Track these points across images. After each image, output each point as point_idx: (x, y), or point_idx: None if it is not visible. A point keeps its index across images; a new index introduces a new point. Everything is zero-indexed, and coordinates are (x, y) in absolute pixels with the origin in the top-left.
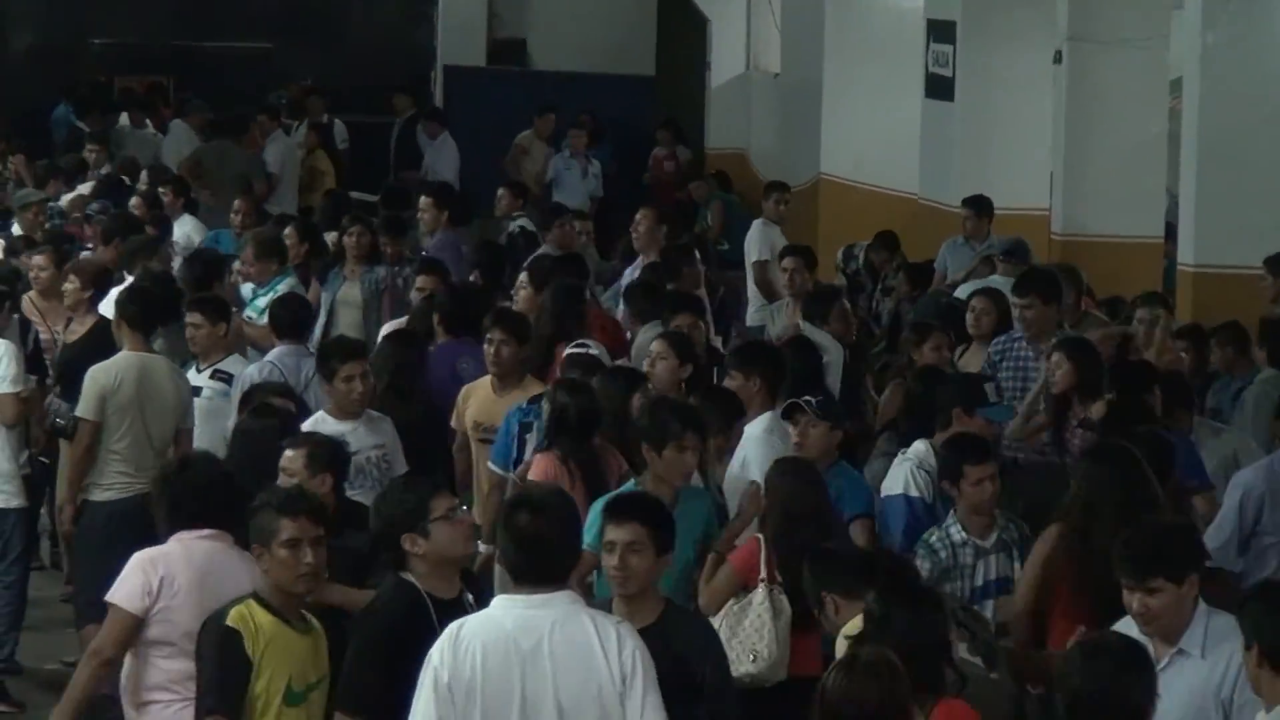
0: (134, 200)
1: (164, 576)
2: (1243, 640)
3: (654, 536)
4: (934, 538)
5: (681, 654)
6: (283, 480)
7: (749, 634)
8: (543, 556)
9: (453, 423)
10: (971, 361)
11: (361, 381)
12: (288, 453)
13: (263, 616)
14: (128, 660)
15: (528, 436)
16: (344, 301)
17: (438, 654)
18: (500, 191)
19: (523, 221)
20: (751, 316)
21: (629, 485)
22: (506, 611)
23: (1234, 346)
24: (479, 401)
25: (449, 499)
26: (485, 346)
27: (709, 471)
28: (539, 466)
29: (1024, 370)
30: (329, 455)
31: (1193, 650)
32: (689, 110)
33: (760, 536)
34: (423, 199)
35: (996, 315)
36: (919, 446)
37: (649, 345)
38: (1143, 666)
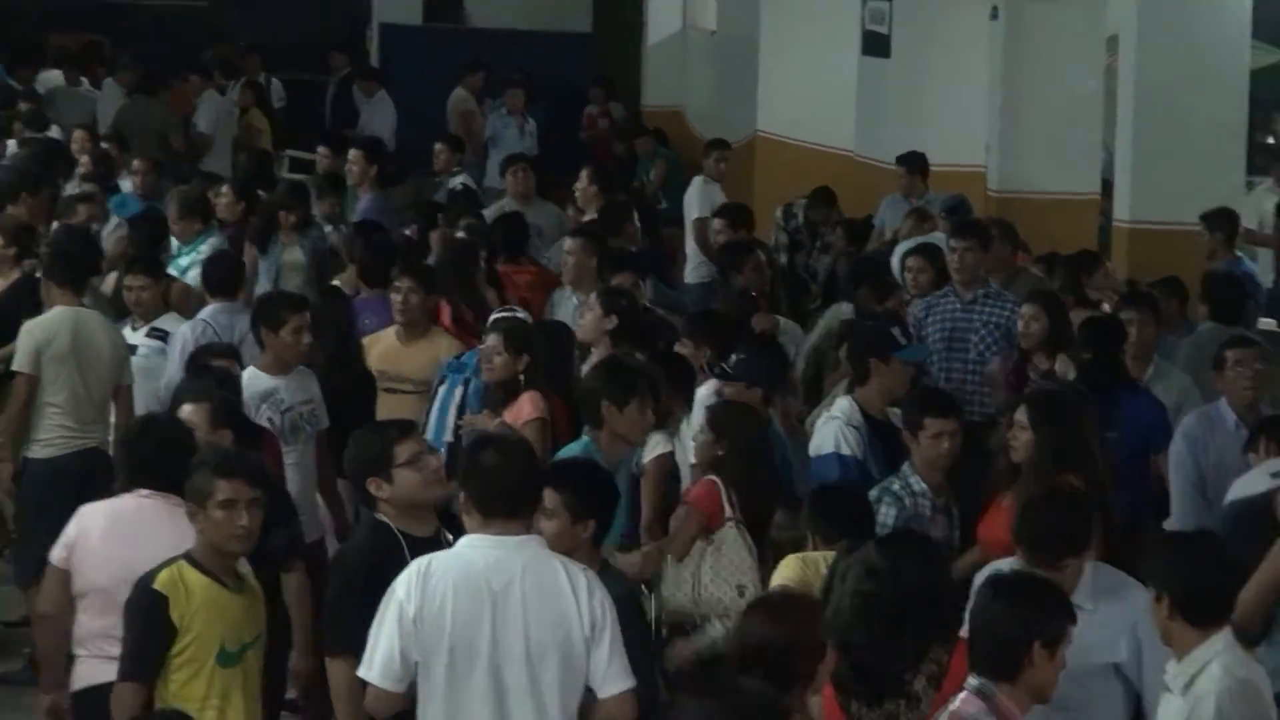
0: (84, 160)
1: (81, 530)
2: (1152, 592)
3: (568, 504)
4: (896, 485)
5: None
6: None
7: (730, 570)
8: (511, 489)
9: None
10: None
11: (306, 334)
12: (186, 407)
13: (194, 577)
14: None
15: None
16: (289, 266)
17: (404, 588)
18: (438, 147)
19: (463, 178)
20: (690, 274)
21: (583, 442)
22: (477, 550)
23: (1176, 298)
24: (383, 350)
25: (414, 444)
26: (393, 295)
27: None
28: (530, 403)
29: (951, 323)
30: (229, 410)
31: (1085, 604)
32: (626, 68)
33: (716, 479)
34: (352, 152)
35: (933, 273)
36: (843, 403)
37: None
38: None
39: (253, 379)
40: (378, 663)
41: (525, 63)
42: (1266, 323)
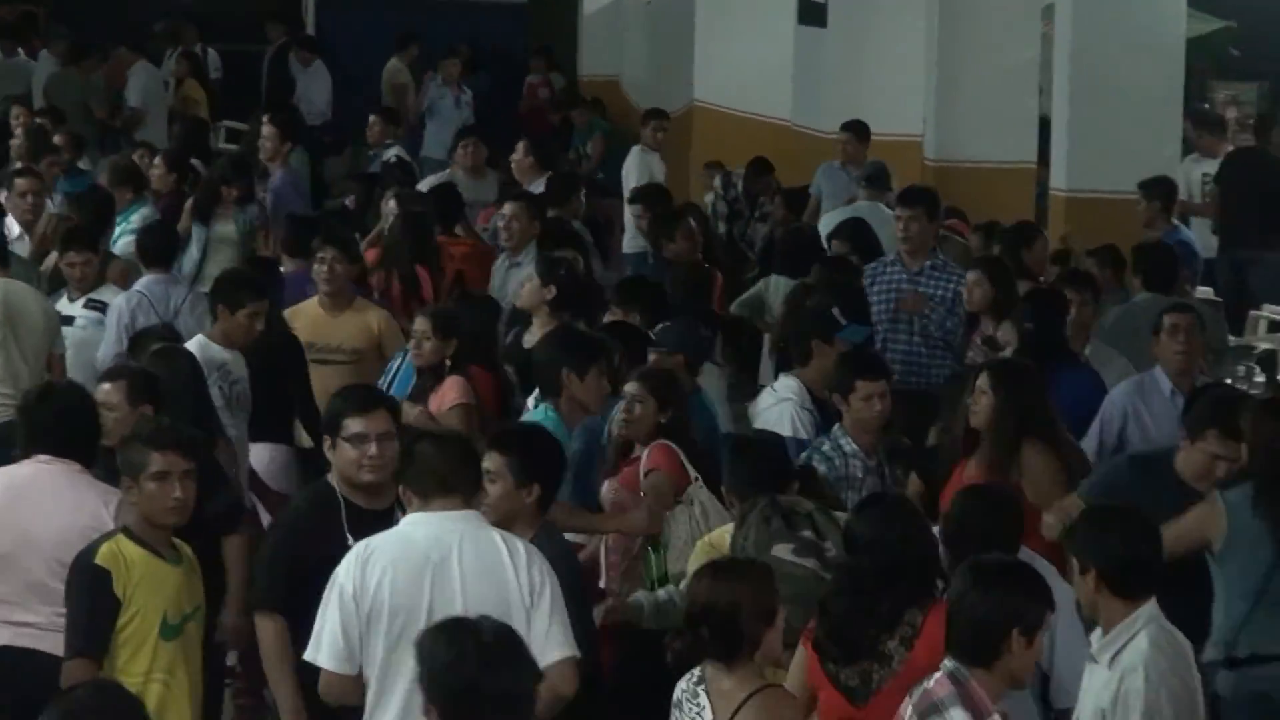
0: (17, 133)
1: None
2: (1077, 565)
3: (513, 467)
4: (825, 446)
5: None
6: (102, 414)
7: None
8: (445, 474)
9: None
10: None
11: (261, 320)
12: (104, 386)
13: (132, 551)
14: None
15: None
16: (220, 238)
17: (344, 570)
18: (372, 119)
19: (396, 149)
20: (628, 244)
21: (540, 410)
22: (416, 527)
23: (1110, 269)
24: (308, 322)
25: (365, 422)
26: (317, 266)
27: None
28: (453, 389)
29: (896, 293)
30: (148, 386)
31: None
32: (562, 37)
33: (669, 443)
34: (265, 127)
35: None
36: (792, 384)
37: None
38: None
39: (205, 348)
40: (324, 644)
41: (461, 32)
42: (1204, 290)
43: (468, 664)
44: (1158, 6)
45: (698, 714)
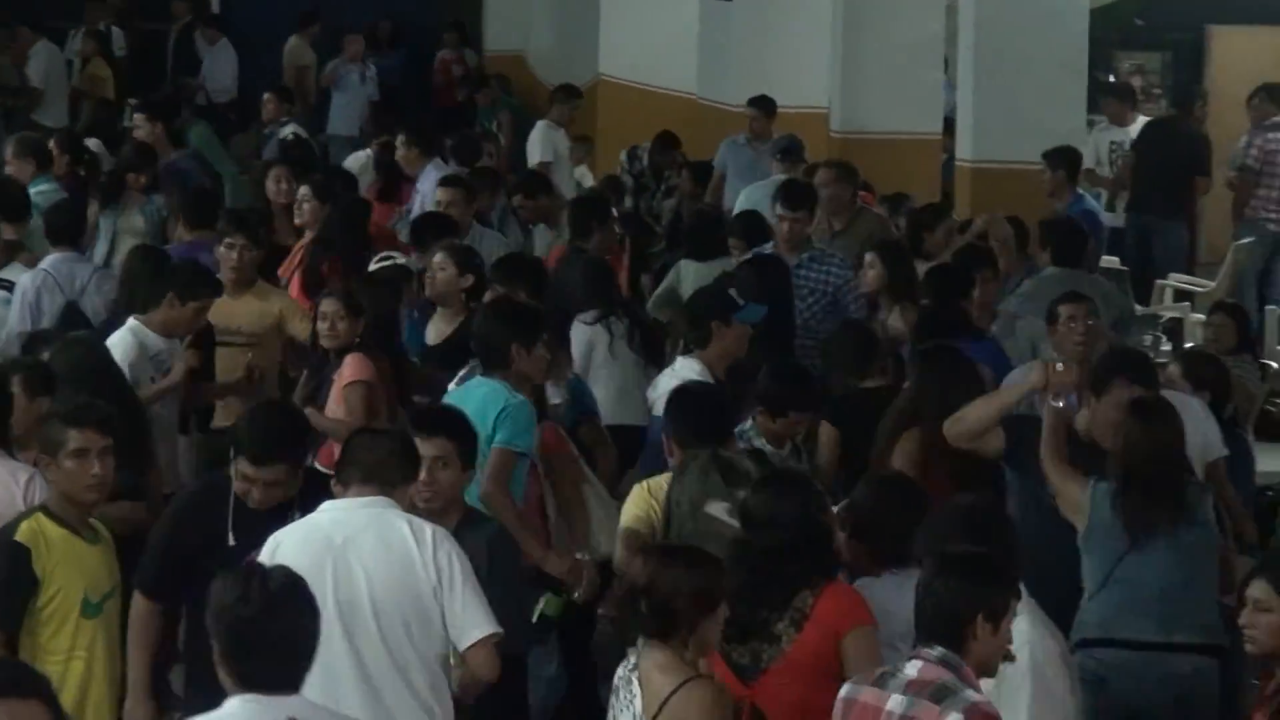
0: None
1: None
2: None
3: (460, 452)
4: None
5: (470, 557)
6: None
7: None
8: (372, 461)
9: None
10: None
11: (205, 315)
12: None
13: (52, 529)
14: None
15: None
16: (127, 230)
17: (262, 559)
18: (266, 97)
19: (292, 127)
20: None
21: (492, 384)
22: (325, 514)
23: (1015, 240)
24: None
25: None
26: (224, 250)
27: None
28: (351, 366)
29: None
30: (46, 379)
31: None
32: (468, 12)
33: (552, 423)
34: (136, 115)
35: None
36: (694, 365)
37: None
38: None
39: (140, 333)
40: None
41: (367, 8)
42: (1110, 260)
43: (249, 606)
44: None
45: (630, 701)
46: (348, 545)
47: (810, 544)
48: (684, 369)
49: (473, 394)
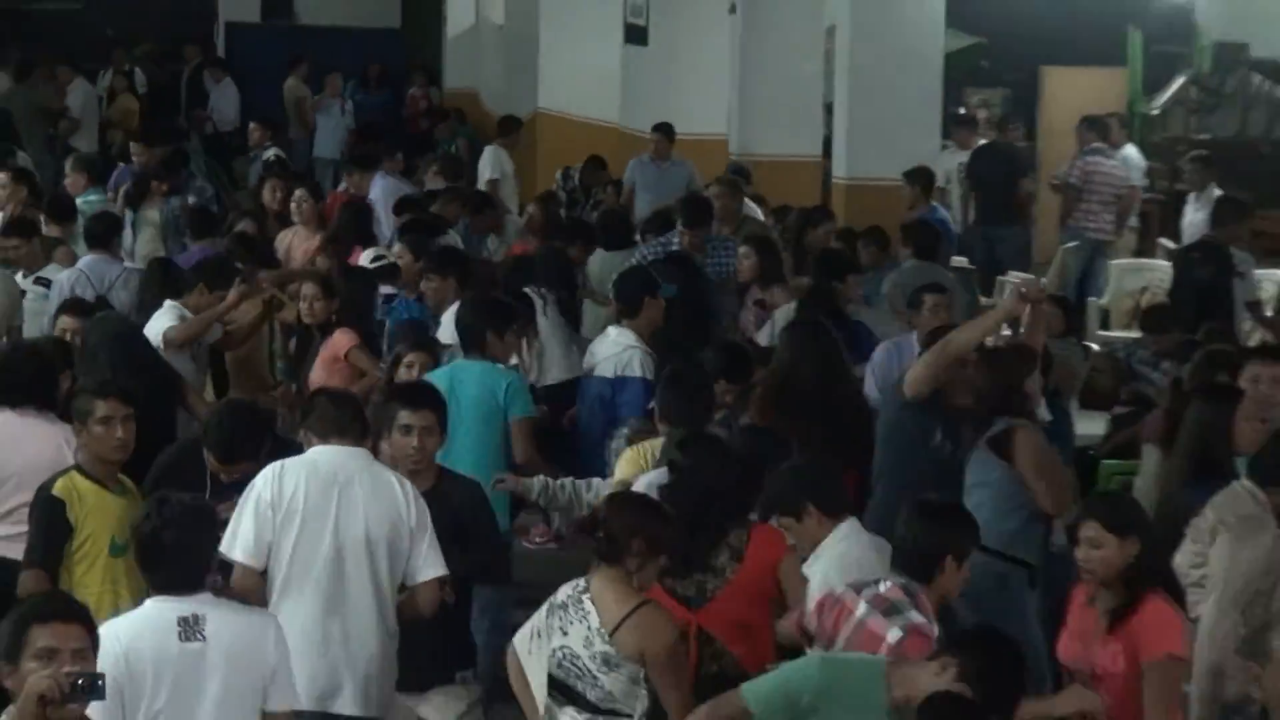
0: None
1: None
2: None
3: (440, 421)
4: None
5: (456, 510)
6: None
7: None
8: (343, 416)
9: None
10: None
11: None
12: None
13: (83, 484)
14: None
15: None
16: (145, 223)
17: (262, 481)
18: (252, 126)
19: (274, 150)
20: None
21: (480, 362)
22: (323, 456)
23: (876, 244)
24: None
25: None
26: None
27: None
28: (344, 336)
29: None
30: (65, 354)
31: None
32: (429, 56)
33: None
34: (133, 145)
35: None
36: (630, 333)
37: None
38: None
39: (181, 311)
40: (238, 542)
41: (346, 53)
42: (959, 260)
43: (150, 523)
44: (920, 26)
45: (583, 618)
46: (349, 484)
47: (727, 490)
48: (621, 336)
49: (470, 370)
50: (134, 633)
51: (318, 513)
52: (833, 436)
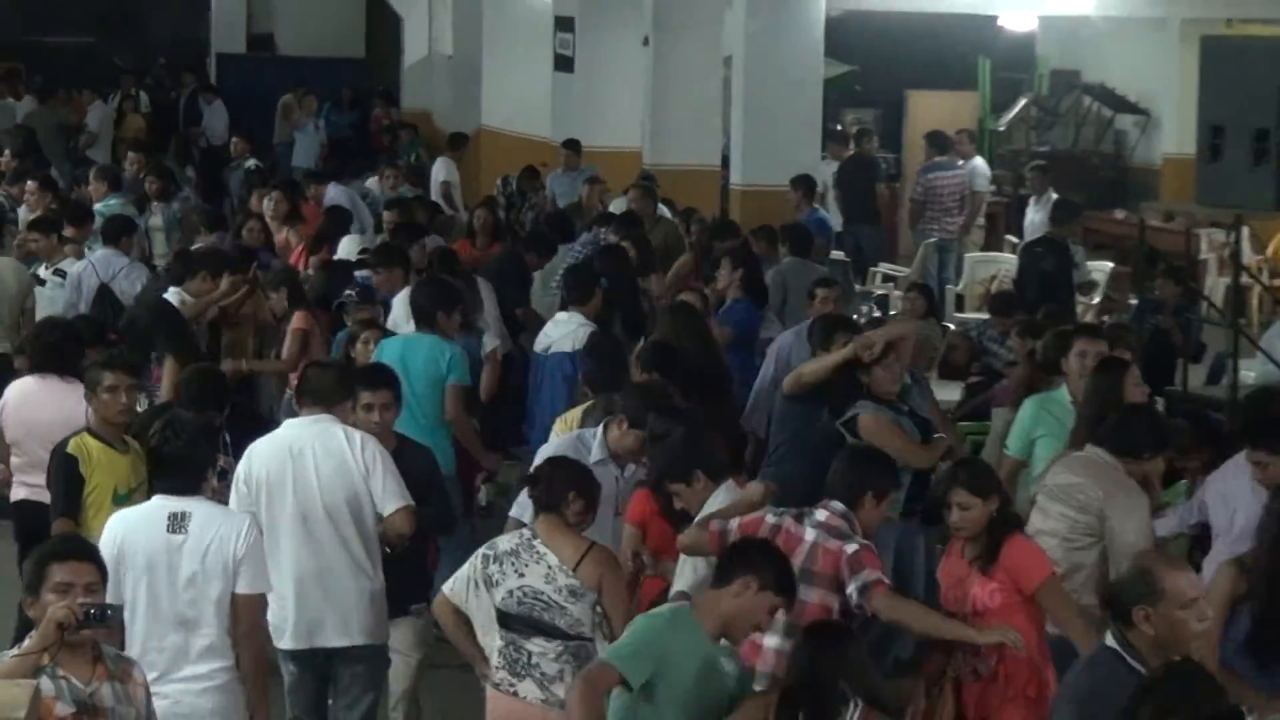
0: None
1: (4, 400)
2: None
3: (395, 396)
4: None
5: (412, 473)
6: None
7: None
8: (320, 386)
9: None
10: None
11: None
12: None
13: (92, 443)
14: None
15: None
16: (153, 228)
17: (242, 462)
18: (233, 140)
19: (253, 161)
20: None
21: (429, 336)
22: (288, 429)
23: (766, 240)
24: None
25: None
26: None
27: None
28: (298, 319)
29: None
30: (98, 330)
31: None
32: (389, 82)
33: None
34: (130, 153)
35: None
36: (576, 315)
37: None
38: None
39: (182, 295)
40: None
41: (319, 79)
42: (837, 253)
43: (161, 435)
44: (803, 56)
45: (539, 559)
46: (301, 453)
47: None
48: (572, 318)
49: (421, 343)
50: (132, 523)
51: (279, 483)
52: (703, 399)
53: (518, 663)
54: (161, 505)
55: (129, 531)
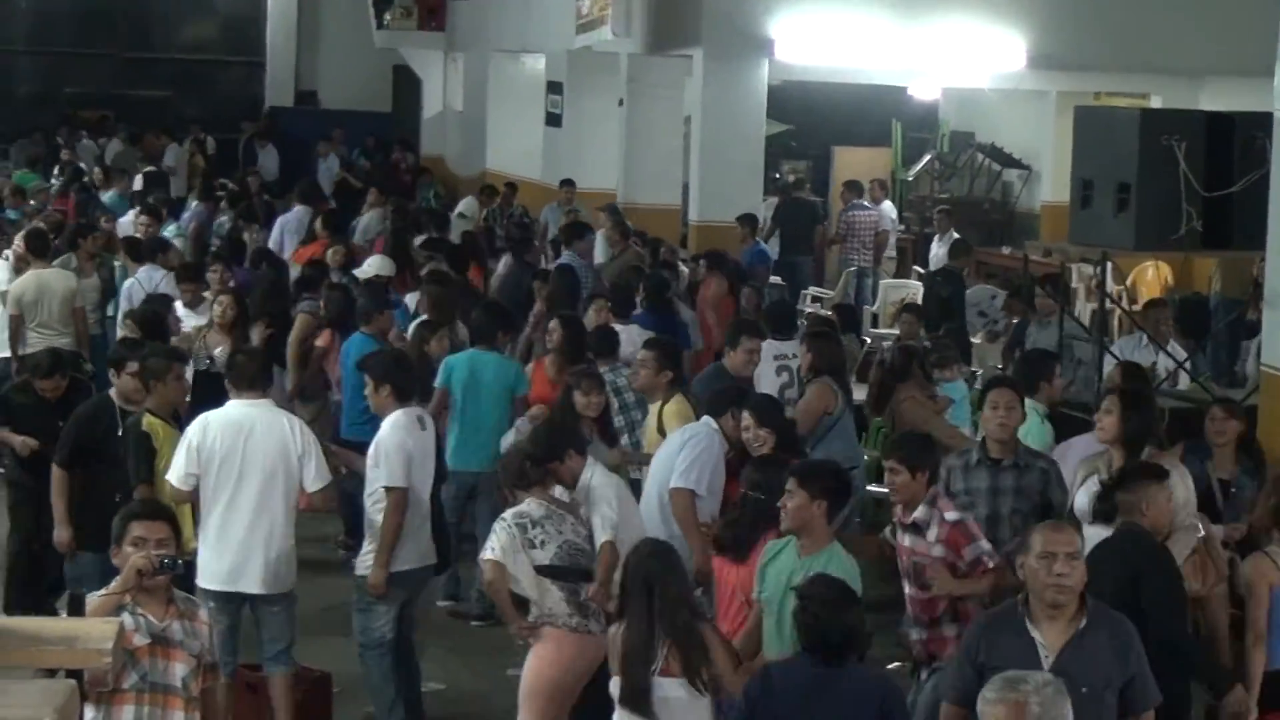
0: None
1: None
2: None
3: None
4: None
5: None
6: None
7: None
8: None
9: None
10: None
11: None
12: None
13: (155, 422)
14: None
15: None
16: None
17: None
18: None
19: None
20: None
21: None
22: (235, 409)
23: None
24: None
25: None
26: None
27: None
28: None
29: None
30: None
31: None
32: (410, 131)
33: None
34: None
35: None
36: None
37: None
38: None
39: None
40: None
41: (352, 127)
42: (775, 278)
43: (236, 354)
44: (749, 116)
45: (563, 518)
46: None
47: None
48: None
49: (487, 359)
50: (219, 418)
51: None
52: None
53: (585, 607)
54: (239, 407)
55: (212, 426)
